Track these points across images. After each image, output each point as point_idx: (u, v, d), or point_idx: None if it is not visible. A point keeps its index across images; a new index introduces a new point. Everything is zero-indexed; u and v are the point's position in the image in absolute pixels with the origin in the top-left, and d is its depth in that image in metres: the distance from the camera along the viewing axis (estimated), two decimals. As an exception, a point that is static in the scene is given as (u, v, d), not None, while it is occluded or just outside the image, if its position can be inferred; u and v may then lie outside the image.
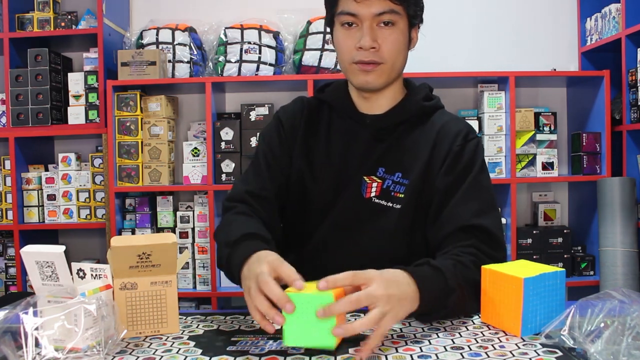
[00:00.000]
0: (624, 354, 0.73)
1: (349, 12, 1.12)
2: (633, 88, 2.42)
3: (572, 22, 2.83)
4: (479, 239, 1.09)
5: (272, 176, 1.23)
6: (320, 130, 1.24)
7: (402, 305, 0.86)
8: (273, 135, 1.26)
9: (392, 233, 1.18)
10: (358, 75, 1.16)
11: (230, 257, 1.03)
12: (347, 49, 1.15)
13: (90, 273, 0.94)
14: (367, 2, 1.10)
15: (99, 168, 2.68)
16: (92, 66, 2.66)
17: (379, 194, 1.18)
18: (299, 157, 1.23)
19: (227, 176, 2.56)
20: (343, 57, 1.17)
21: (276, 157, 1.24)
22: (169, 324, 0.99)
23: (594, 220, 2.57)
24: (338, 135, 1.23)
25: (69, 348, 0.82)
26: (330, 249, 1.21)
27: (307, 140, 1.24)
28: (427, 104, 1.23)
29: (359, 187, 1.19)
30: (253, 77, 2.55)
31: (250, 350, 0.88)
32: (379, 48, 1.12)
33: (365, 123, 1.21)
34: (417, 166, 1.17)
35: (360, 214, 1.19)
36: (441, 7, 2.81)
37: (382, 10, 1.10)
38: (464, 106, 2.77)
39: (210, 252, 2.57)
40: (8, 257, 2.73)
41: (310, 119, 1.25)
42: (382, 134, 1.21)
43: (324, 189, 1.21)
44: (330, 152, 1.22)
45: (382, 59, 1.13)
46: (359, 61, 1.13)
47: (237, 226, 1.10)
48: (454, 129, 1.20)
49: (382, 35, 1.12)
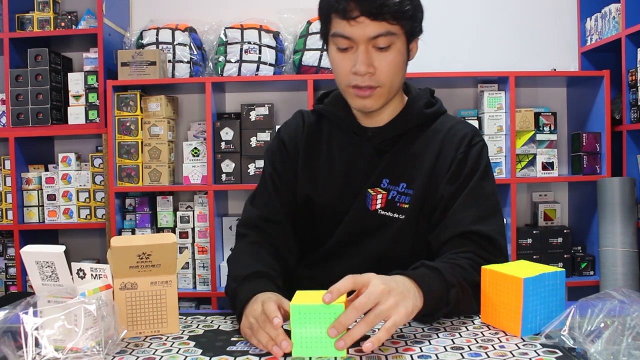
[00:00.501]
0: (624, 354, 0.73)
1: (343, 35, 1.07)
2: (633, 88, 2.42)
3: (572, 22, 2.83)
4: (478, 244, 1.09)
5: (280, 197, 1.24)
6: (321, 146, 1.23)
7: (406, 298, 0.85)
8: (276, 155, 1.26)
9: (395, 242, 1.18)
10: (355, 99, 1.13)
11: (236, 293, 1.05)
12: (343, 72, 1.11)
13: (90, 273, 0.94)
14: (361, 25, 1.04)
15: (99, 168, 2.68)
16: (92, 66, 2.66)
17: (385, 205, 1.17)
18: (303, 175, 1.23)
19: (227, 176, 2.56)
20: (340, 80, 1.14)
21: (282, 177, 1.25)
22: (169, 324, 0.99)
23: (594, 220, 2.57)
24: (340, 150, 1.22)
25: (69, 348, 0.82)
26: (337, 259, 1.23)
27: (310, 158, 1.23)
28: (428, 111, 1.21)
29: (364, 200, 1.18)
30: (253, 77, 2.55)
31: (250, 350, 0.88)
32: (375, 71, 1.08)
33: (367, 136, 1.20)
34: (421, 175, 1.16)
35: (366, 227, 1.19)
36: (441, 7, 2.81)
37: (377, 33, 1.05)
38: (464, 106, 2.77)
39: (210, 252, 2.57)
40: (8, 257, 2.73)
41: (310, 136, 1.24)
42: (384, 146, 1.19)
43: (329, 205, 1.21)
44: (333, 168, 1.21)
45: (378, 82, 1.09)
46: (355, 86, 1.10)
47: (245, 261, 1.13)
48: (459, 133, 1.18)
49: (378, 58, 1.07)
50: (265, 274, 1.08)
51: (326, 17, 1.10)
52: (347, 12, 1.04)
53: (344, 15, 1.04)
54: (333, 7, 1.06)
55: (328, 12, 1.09)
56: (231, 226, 2.67)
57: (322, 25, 1.14)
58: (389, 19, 1.04)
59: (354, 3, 1.03)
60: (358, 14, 1.03)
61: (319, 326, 0.81)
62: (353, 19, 1.04)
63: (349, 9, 1.03)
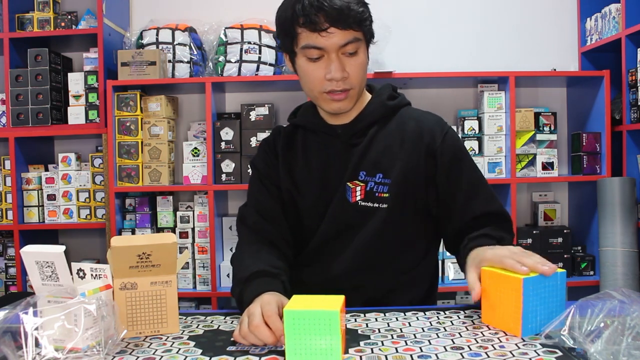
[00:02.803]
0: (624, 354, 0.73)
1: (314, 46, 1.14)
2: (633, 88, 2.42)
3: (572, 22, 2.83)
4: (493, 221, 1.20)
5: (272, 195, 1.30)
6: (297, 150, 1.30)
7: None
8: (261, 163, 1.35)
9: (381, 231, 1.22)
10: (330, 103, 1.20)
11: (242, 294, 1.09)
12: (317, 80, 1.18)
13: (90, 273, 0.94)
14: (331, 35, 1.12)
15: (99, 168, 2.68)
16: (92, 66, 2.66)
17: (364, 197, 1.22)
18: (284, 178, 1.29)
19: (227, 176, 2.56)
20: (313, 88, 1.20)
21: (269, 178, 1.31)
22: (169, 324, 0.99)
23: (594, 220, 2.57)
24: (314, 151, 1.28)
25: (69, 348, 0.83)
26: (324, 255, 1.27)
27: (288, 161, 1.30)
28: (391, 103, 1.28)
29: (344, 194, 1.23)
30: (253, 77, 2.55)
31: (250, 350, 0.88)
32: (348, 76, 1.16)
33: (336, 133, 1.26)
34: (396, 164, 1.22)
35: (349, 219, 1.24)
36: (441, 7, 2.82)
37: (346, 40, 1.13)
38: (464, 106, 2.77)
39: (210, 252, 2.57)
40: (8, 257, 2.73)
41: (287, 142, 1.32)
42: (354, 139, 1.26)
43: (312, 203, 1.27)
44: (310, 168, 1.28)
45: (351, 85, 1.18)
46: (331, 91, 1.18)
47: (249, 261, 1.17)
48: (427, 126, 1.25)
49: (349, 63, 1.16)
50: (268, 273, 1.11)
51: (289, 30, 1.16)
52: (318, 25, 1.11)
53: (314, 28, 1.12)
54: (298, 21, 1.13)
55: (292, 26, 1.15)
56: (231, 226, 2.67)
57: (285, 39, 1.19)
58: (354, 26, 1.13)
59: (323, 16, 1.10)
60: (328, 25, 1.11)
61: (313, 332, 0.80)
62: (324, 30, 1.11)
63: (319, 22, 1.11)
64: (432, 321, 1.01)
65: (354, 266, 1.23)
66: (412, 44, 2.77)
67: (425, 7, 2.83)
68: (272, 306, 0.94)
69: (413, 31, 2.79)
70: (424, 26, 2.82)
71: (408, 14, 2.79)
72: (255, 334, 0.90)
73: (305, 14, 1.11)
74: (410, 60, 2.73)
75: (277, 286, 1.07)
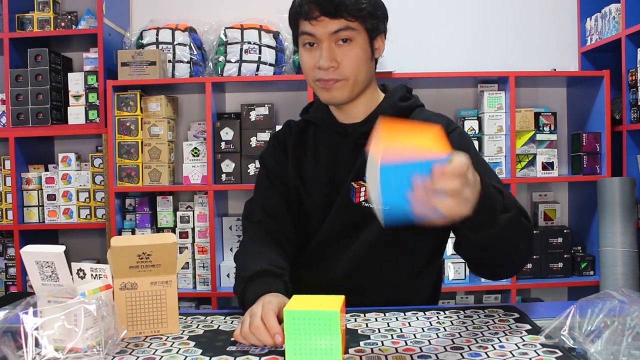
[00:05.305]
0: (624, 354, 0.73)
1: (307, 33, 1.18)
2: (633, 88, 2.42)
3: (572, 22, 2.83)
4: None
5: (278, 192, 1.30)
6: (308, 147, 1.30)
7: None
8: (269, 157, 1.34)
9: (383, 234, 1.20)
10: (321, 92, 1.22)
11: (244, 293, 1.09)
12: (309, 68, 1.20)
13: (90, 273, 0.94)
14: (322, 22, 1.15)
15: (99, 168, 2.68)
16: (92, 66, 2.66)
17: (368, 197, 1.22)
18: (292, 174, 1.29)
19: (227, 176, 2.56)
20: (307, 76, 1.23)
21: (276, 174, 1.31)
22: (169, 324, 0.99)
23: (594, 220, 2.57)
24: (324, 149, 1.28)
25: (69, 348, 0.83)
26: (326, 255, 1.26)
27: (297, 158, 1.30)
28: (403, 104, 1.27)
29: (348, 194, 1.23)
30: (253, 77, 2.55)
31: (250, 350, 0.88)
32: (338, 66, 1.16)
33: (346, 133, 1.26)
34: None
35: (352, 219, 1.23)
36: (441, 7, 2.81)
37: (337, 28, 1.15)
38: (464, 106, 2.77)
39: (210, 252, 2.57)
40: (8, 257, 2.73)
41: (298, 138, 1.32)
42: (363, 140, 1.23)
43: (317, 201, 1.26)
44: (318, 166, 1.27)
45: (342, 76, 1.18)
46: (320, 79, 1.19)
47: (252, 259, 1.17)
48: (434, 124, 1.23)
49: (341, 53, 1.16)
50: (271, 273, 1.11)
51: (294, 22, 1.22)
52: (309, 14, 1.16)
53: (307, 16, 1.17)
54: (298, 12, 1.19)
55: (295, 18, 1.21)
56: (231, 226, 2.67)
57: (293, 31, 1.25)
58: (347, 16, 1.15)
59: (314, 5, 1.15)
60: (318, 14, 1.15)
61: (313, 332, 0.80)
62: (314, 18, 1.16)
63: (311, 11, 1.16)
64: (432, 321, 1.01)
65: (354, 268, 1.23)
66: (412, 44, 2.77)
67: (425, 7, 2.82)
68: (273, 306, 0.94)
69: (413, 31, 2.78)
70: (424, 26, 2.81)
71: (408, 14, 2.79)
72: (255, 334, 0.90)
73: (300, 4, 1.17)
74: (410, 60, 2.72)
75: (280, 286, 1.07)
